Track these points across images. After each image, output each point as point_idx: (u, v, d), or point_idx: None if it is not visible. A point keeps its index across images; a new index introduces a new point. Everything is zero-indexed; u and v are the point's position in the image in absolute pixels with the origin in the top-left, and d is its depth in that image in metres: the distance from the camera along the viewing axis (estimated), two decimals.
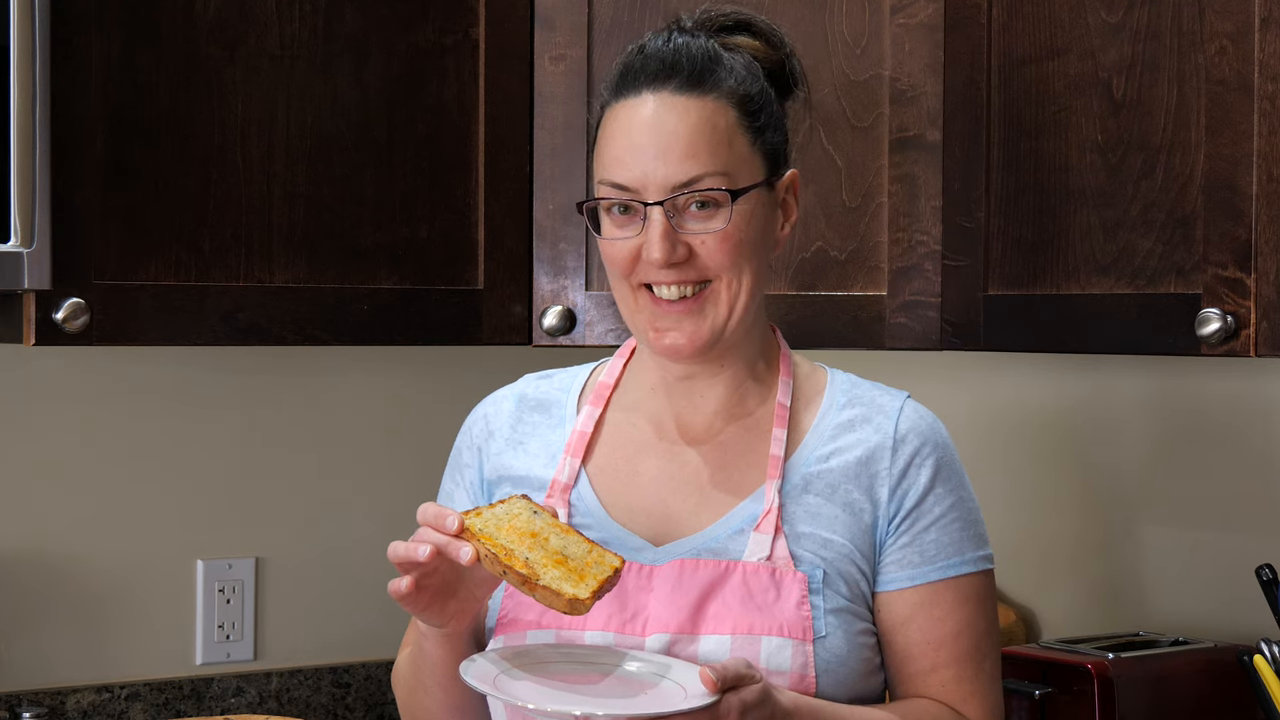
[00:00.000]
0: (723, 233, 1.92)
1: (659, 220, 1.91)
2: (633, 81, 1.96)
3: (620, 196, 1.94)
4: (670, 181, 1.91)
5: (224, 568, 2.95)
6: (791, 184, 2.02)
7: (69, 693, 2.81)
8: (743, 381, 2.02)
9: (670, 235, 1.92)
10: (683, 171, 1.91)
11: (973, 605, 1.98)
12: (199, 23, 2.48)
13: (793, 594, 1.92)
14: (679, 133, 1.92)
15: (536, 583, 1.81)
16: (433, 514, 1.84)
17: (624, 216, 1.95)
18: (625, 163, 1.93)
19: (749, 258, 1.95)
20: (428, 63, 2.64)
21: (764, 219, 1.97)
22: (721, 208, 1.92)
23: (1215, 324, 2.19)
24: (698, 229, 1.92)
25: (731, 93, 1.95)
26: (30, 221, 2.30)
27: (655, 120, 1.93)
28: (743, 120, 1.95)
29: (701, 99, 1.94)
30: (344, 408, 3.04)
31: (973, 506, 2.01)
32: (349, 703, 3.03)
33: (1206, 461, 2.70)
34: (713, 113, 1.94)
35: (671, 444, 2.02)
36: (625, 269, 1.95)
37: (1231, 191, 2.20)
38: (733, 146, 1.94)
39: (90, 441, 2.85)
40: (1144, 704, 2.48)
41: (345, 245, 2.59)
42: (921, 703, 1.97)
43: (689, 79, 1.94)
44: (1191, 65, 2.26)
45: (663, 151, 1.92)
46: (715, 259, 1.93)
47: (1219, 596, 2.67)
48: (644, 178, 1.92)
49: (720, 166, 1.92)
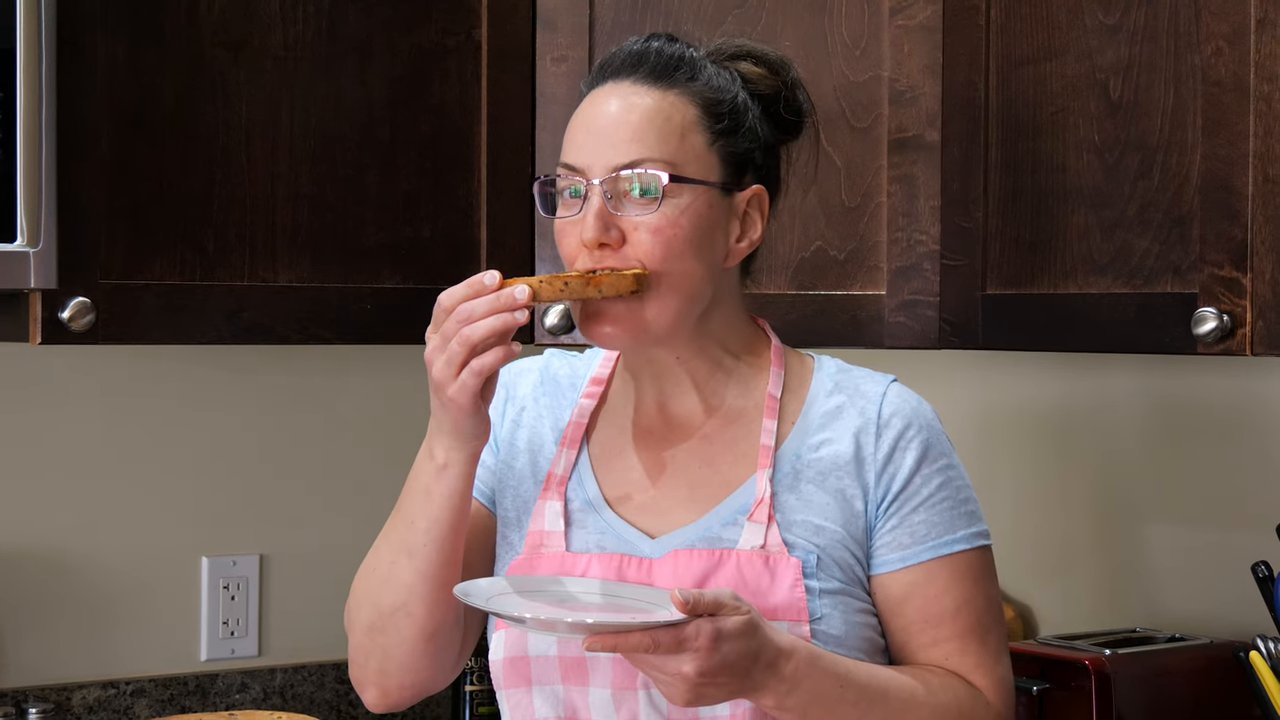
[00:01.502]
0: (655, 224, 1.91)
1: (595, 199, 1.91)
2: (601, 74, 1.99)
3: (567, 176, 1.94)
4: (611, 163, 1.92)
5: (229, 565, 2.95)
6: (758, 200, 1.99)
7: (75, 688, 2.81)
8: (715, 377, 2.01)
9: (604, 215, 1.91)
10: (625, 153, 1.91)
11: (969, 582, 1.97)
12: (203, 24, 2.48)
13: (786, 579, 1.91)
14: (629, 118, 1.93)
15: (599, 274, 1.85)
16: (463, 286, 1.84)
17: (573, 200, 1.95)
18: (577, 143, 1.95)
19: (682, 256, 1.92)
20: (430, 64, 2.64)
21: (710, 221, 1.95)
22: (659, 199, 1.91)
23: (1211, 323, 2.19)
24: (633, 213, 1.91)
25: (697, 92, 1.95)
26: (36, 221, 2.30)
27: (611, 106, 1.94)
28: (703, 119, 1.95)
29: (663, 91, 1.94)
30: (347, 406, 3.04)
31: (962, 485, 1.99)
32: (352, 699, 3.03)
33: (1203, 459, 2.70)
34: (670, 105, 1.94)
35: (661, 437, 2.02)
36: (567, 253, 1.95)
37: (1228, 192, 2.20)
38: (685, 140, 1.93)
39: (95, 440, 2.85)
40: (1141, 700, 2.48)
41: (348, 245, 2.59)
42: (932, 667, 1.96)
43: (652, 71, 1.95)
44: (1188, 66, 2.25)
45: (610, 134, 1.93)
46: (644, 249, 1.91)
47: (1215, 593, 2.67)
48: (590, 158, 1.93)
49: (665, 155, 1.92)
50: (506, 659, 1.96)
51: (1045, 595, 2.93)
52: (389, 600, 1.95)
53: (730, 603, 1.77)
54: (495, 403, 2.09)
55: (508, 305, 1.82)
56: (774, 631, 1.81)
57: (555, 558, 1.97)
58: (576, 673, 1.92)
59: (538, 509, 2.00)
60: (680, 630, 1.73)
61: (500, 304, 1.82)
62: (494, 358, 1.83)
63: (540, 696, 1.94)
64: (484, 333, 1.82)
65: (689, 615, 1.74)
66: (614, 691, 1.91)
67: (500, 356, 1.83)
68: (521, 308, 1.82)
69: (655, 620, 1.74)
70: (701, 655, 1.74)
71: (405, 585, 1.94)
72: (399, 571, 1.94)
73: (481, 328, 1.82)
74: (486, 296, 1.83)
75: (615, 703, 1.91)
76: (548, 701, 1.94)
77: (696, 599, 1.74)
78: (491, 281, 1.83)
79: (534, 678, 1.94)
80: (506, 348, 1.83)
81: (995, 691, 1.97)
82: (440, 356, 1.84)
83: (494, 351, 1.83)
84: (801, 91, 2.05)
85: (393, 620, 1.96)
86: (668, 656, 1.74)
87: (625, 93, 1.95)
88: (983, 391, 3.00)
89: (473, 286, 1.84)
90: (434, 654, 1.97)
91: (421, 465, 1.94)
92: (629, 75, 1.96)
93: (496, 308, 1.82)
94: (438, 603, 1.94)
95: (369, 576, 1.99)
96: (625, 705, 1.91)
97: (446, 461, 1.90)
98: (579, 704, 1.92)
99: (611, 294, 1.87)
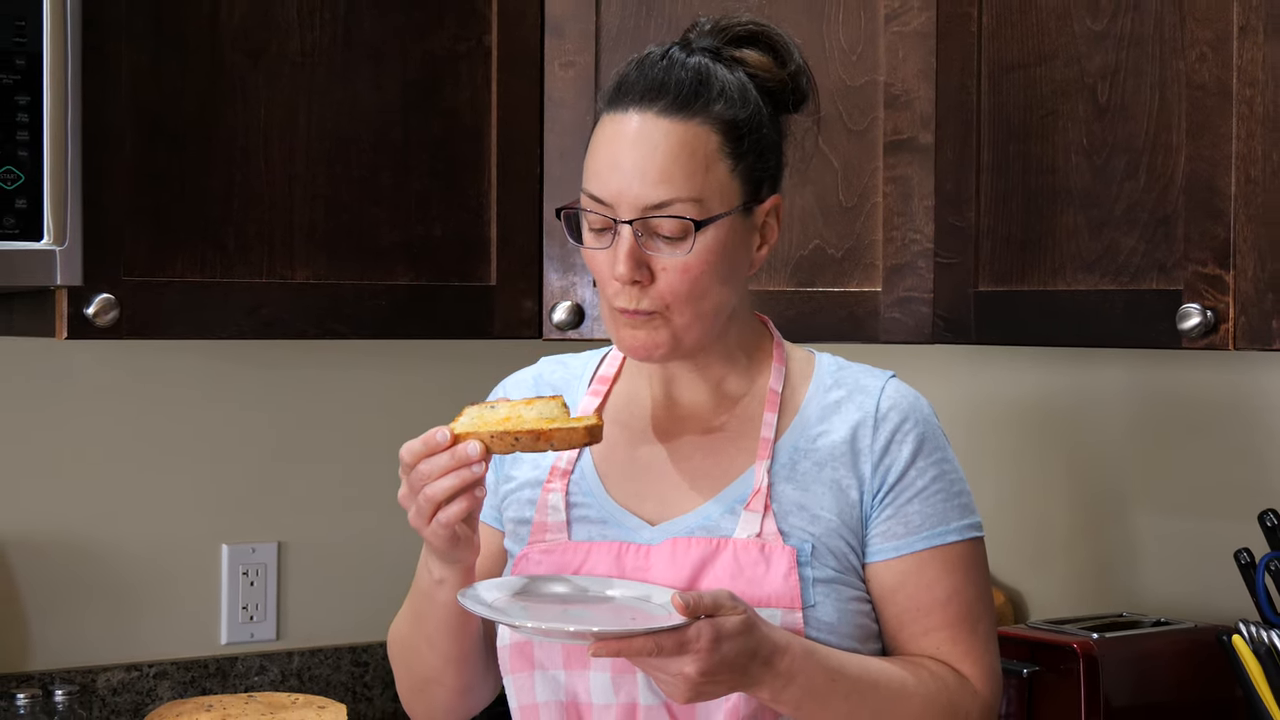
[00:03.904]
0: (685, 263, 1.90)
1: (627, 238, 1.90)
2: (623, 97, 1.94)
3: (596, 209, 1.92)
4: (642, 202, 1.89)
5: (248, 552, 2.96)
6: (774, 209, 1.98)
7: (99, 671, 2.82)
8: (725, 373, 2.02)
9: (635, 254, 1.89)
10: (655, 195, 1.89)
11: (960, 573, 1.97)
12: (224, 31, 2.48)
13: (781, 566, 1.91)
14: (656, 156, 1.89)
15: (551, 429, 1.81)
16: (418, 443, 1.83)
17: (601, 231, 1.93)
18: (603, 177, 1.92)
19: (709, 287, 1.92)
20: (442, 69, 2.64)
21: (735, 245, 1.94)
22: (688, 238, 1.90)
23: (1196, 319, 2.19)
24: (664, 252, 1.90)
25: (718, 117, 1.92)
26: (63, 221, 2.31)
27: (636, 139, 1.91)
28: (725, 146, 1.92)
29: (685, 122, 1.90)
30: (362, 399, 3.05)
31: (956, 478, 2.00)
32: (367, 680, 3.04)
33: (1188, 450, 2.70)
34: (694, 137, 1.91)
35: (665, 431, 2.03)
36: (599, 280, 1.95)
37: (1211, 192, 2.20)
38: (710, 172, 1.91)
39: (119, 432, 2.86)
40: (1127, 682, 2.48)
41: (363, 243, 2.59)
42: (921, 658, 1.96)
43: (675, 101, 1.91)
44: (1173, 71, 2.26)
45: (639, 172, 1.89)
46: (673, 288, 1.90)
47: (1200, 579, 2.67)
48: (618, 195, 1.90)
49: (693, 193, 1.89)
50: (512, 644, 1.97)
51: (1035, 581, 2.93)
52: (420, 674, 2.06)
53: (728, 603, 1.78)
54: None
55: (463, 462, 1.82)
56: (770, 628, 1.82)
57: (557, 547, 1.99)
58: (578, 657, 1.94)
59: (541, 501, 2.01)
60: (682, 633, 1.74)
61: (456, 461, 1.82)
62: (458, 508, 1.83)
63: (542, 680, 1.95)
64: (444, 492, 1.82)
65: (689, 617, 1.75)
66: (613, 675, 1.92)
67: (465, 507, 1.83)
68: (477, 462, 1.82)
69: (658, 625, 1.75)
70: (703, 655, 1.75)
71: (430, 665, 2.03)
72: (423, 655, 2.03)
73: (441, 487, 1.82)
74: (443, 455, 1.82)
75: (614, 686, 1.92)
76: (549, 685, 1.95)
77: (696, 601, 1.75)
78: (443, 439, 1.82)
79: (537, 663, 1.95)
80: (470, 496, 1.83)
81: (983, 680, 1.97)
82: (410, 505, 1.86)
83: (458, 503, 1.83)
84: (805, 77, 2.01)
85: (427, 689, 2.06)
86: (670, 658, 1.75)
87: (649, 126, 1.90)
88: (975, 385, 3.00)
89: (427, 444, 1.83)
90: (475, 698, 2.07)
91: (421, 572, 1.98)
92: (652, 104, 1.91)
93: (452, 466, 1.82)
94: (465, 670, 2.03)
95: (400, 644, 2.08)
96: (624, 688, 1.92)
97: (441, 578, 1.94)
98: (579, 688, 1.93)
99: (564, 448, 1.84)
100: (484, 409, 1.88)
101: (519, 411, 1.86)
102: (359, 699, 3.03)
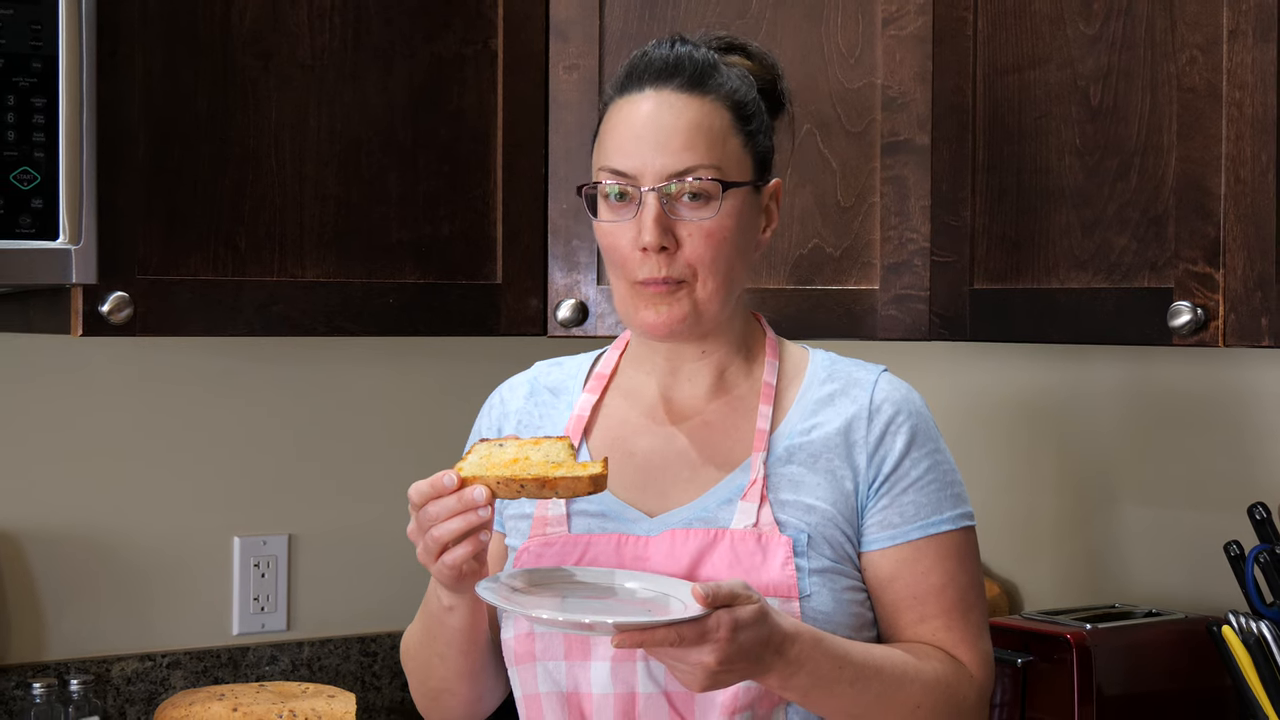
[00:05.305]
0: (710, 226, 1.93)
1: (653, 205, 1.92)
2: (636, 79, 1.98)
3: (618, 181, 1.95)
4: (667, 170, 1.93)
5: (259, 544, 2.96)
6: (775, 192, 2.03)
7: (114, 661, 2.83)
8: (726, 366, 2.04)
9: (662, 220, 1.93)
10: (679, 161, 1.93)
11: (954, 561, 1.99)
12: (235, 35, 2.49)
13: (777, 556, 1.92)
14: (678, 126, 1.94)
15: (555, 477, 1.81)
16: (426, 485, 1.84)
17: (620, 203, 1.95)
18: (626, 150, 1.95)
19: (729, 255, 1.95)
20: (449, 72, 2.65)
21: (749, 219, 1.98)
22: (712, 200, 1.93)
23: (1186, 316, 2.20)
24: (689, 217, 1.93)
25: (728, 96, 1.97)
26: (78, 220, 2.31)
27: (656, 114, 1.95)
28: (736, 123, 1.97)
29: (700, 98, 1.95)
30: (370, 395, 3.05)
31: (949, 469, 2.01)
32: (376, 670, 3.05)
33: (1178, 444, 2.71)
34: (710, 112, 1.95)
35: (663, 425, 2.04)
36: (619, 258, 1.96)
37: (1201, 192, 2.21)
38: (726, 145, 1.95)
39: (134, 427, 2.86)
40: (1119, 671, 2.48)
41: (372, 242, 2.60)
42: (919, 645, 1.98)
43: (689, 79, 1.96)
44: (1164, 74, 2.26)
45: (661, 142, 1.93)
46: (699, 252, 1.93)
47: (1190, 571, 2.67)
48: (642, 165, 1.93)
49: (714, 160, 1.94)
50: (516, 636, 1.98)
51: (1029, 573, 2.93)
52: (433, 685, 2.07)
53: (743, 593, 1.78)
54: (490, 423, 2.12)
55: (469, 506, 1.82)
56: (781, 617, 1.83)
57: (557, 540, 1.99)
58: (579, 648, 1.94)
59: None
60: (703, 623, 1.75)
61: (463, 505, 1.82)
62: (464, 551, 1.84)
63: (545, 671, 1.96)
64: (451, 535, 1.83)
65: (708, 608, 1.75)
66: (613, 665, 1.93)
67: (470, 550, 1.84)
68: (484, 507, 1.82)
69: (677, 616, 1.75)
70: (721, 645, 1.75)
71: (442, 678, 2.05)
72: (434, 669, 2.04)
73: (448, 529, 1.83)
74: (450, 499, 1.82)
75: (614, 675, 1.93)
76: (552, 676, 1.96)
77: (715, 591, 1.76)
78: (450, 483, 1.83)
79: (540, 654, 1.96)
80: (474, 540, 1.84)
81: (978, 665, 1.99)
82: (419, 543, 1.87)
83: (464, 545, 1.84)
84: (782, 82, 2.07)
85: (440, 698, 2.08)
86: (690, 648, 1.76)
87: (668, 101, 1.95)
88: (970, 381, 3.01)
89: (435, 487, 1.83)
90: (486, 703, 2.09)
91: (430, 597, 1.99)
92: (667, 83, 1.96)
93: (459, 510, 1.82)
94: (477, 680, 2.05)
95: (412, 657, 2.09)
96: (623, 678, 1.93)
97: (451, 605, 1.95)
98: (580, 677, 1.94)
99: (568, 495, 1.83)
100: (493, 446, 1.89)
101: (526, 453, 1.87)
102: (368, 688, 3.04)
